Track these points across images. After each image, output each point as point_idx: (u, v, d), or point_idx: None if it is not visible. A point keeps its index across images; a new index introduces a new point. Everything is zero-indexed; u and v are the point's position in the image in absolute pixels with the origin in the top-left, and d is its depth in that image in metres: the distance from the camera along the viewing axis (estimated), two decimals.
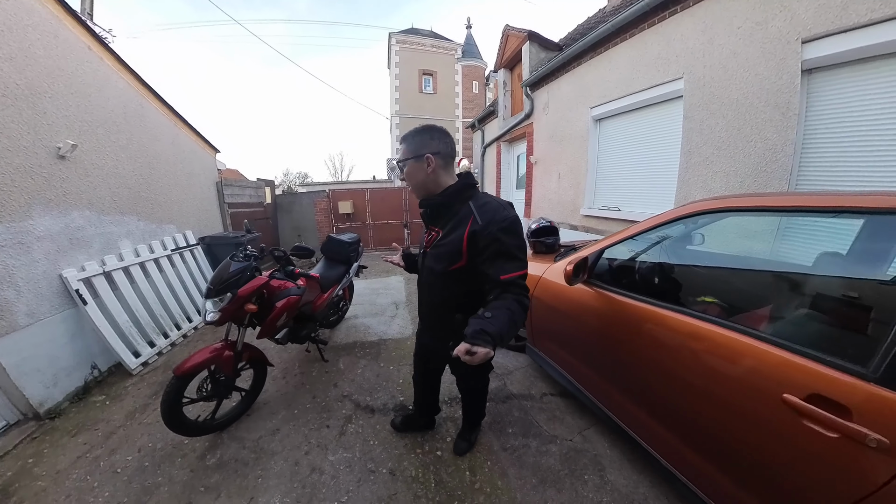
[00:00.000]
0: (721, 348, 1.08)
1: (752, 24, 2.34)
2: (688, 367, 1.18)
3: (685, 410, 1.21)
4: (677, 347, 1.21)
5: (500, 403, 2.09)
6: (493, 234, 1.05)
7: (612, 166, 4.01)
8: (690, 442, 1.21)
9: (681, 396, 1.22)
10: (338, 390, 2.28)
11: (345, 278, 2.90)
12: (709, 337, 1.12)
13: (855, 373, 0.82)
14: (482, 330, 0.89)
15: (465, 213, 1.13)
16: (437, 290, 1.26)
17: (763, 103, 2.31)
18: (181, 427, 1.69)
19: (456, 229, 1.13)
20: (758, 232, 2.25)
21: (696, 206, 1.36)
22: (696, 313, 1.19)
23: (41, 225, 2.28)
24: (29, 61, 2.28)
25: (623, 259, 1.86)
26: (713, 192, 2.66)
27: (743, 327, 1.06)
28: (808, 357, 0.90)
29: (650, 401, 1.38)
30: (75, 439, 1.92)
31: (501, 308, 0.97)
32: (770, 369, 0.96)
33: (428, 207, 1.23)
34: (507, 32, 6.17)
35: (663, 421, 1.32)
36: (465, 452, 1.70)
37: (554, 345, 2.04)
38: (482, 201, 1.15)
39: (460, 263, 1.13)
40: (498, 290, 1.02)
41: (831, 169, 2.14)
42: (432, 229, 1.25)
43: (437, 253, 1.20)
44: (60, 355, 2.31)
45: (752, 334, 1.02)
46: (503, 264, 1.04)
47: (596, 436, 1.77)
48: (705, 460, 1.16)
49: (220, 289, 1.73)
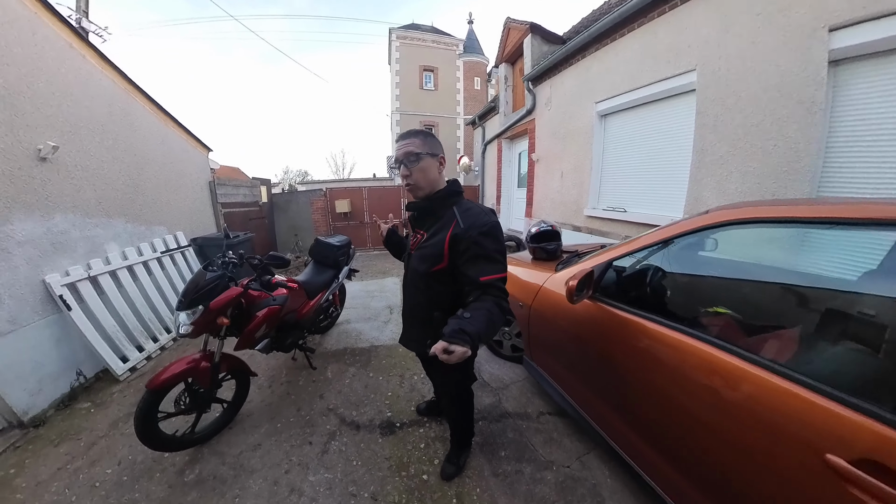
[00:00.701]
0: (749, 387, 0.92)
1: (773, 11, 2.16)
2: (706, 404, 1.04)
3: (698, 451, 1.08)
4: (694, 380, 1.07)
5: (493, 422, 1.97)
6: (474, 238, 1.08)
7: (618, 165, 3.85)
8: (702, 485, 1.08)
9: (694, 435, 1.08)
10: (323, 402, 2.20)
11: (334, 283, 2.80)
12: (736, 374, 0.96)
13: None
14: (461, 329, 0.89)
15: (448, 217, 1.17)
16: (421, 290, 1.28)
17: (785, 97, 2.13)
18: (157, 443, 1.62)
19: (439, 232, 1.17)
20: (777, 238, 2.02)
21: (721, 214, 1.18)
22: (720, 342, 1.03)
23: (22, 230, 2.22)
24: (5, 59, 2.20)
25: (633, 271, 1.64)
26: (728, 193, 2.50)
27: (781, 367, 0.89)
28: (861, 411, 0.72)
29: (658, 435, 1.24)
30: (57, 449, 1.89)
31: (481, 309, 0.98)
32: (811, 420, 0.79)
33: (415, 211, 1.27)
34: (508, 25, 6.00)
35: (672, 459, 1.18)
36: (453, 477, 1.60)
37: (552, 360, 1.91)
38: (465, 207, 1.19)
39: (442, 265, 1.16)
40: (478, 292, 1.04)
41: (858, 170, 1.96)
42: (418, 232, 1.29)
43: (420, 254, 1.23)
44: (45, 362, 2.27)
45: (790, 377, 0.85)
46: (483, 266, 1.06)
47: (595, 462, 1.65)
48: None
49: (192, 300, 1.65)
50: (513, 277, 2.33)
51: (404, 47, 15.17)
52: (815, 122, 2.01)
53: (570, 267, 1.86)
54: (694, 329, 1.13)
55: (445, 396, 1.56)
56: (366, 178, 16.54)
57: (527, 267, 2.32)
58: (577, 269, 1.61)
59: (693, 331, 1.12)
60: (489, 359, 2.65)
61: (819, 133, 2.01)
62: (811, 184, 2.05)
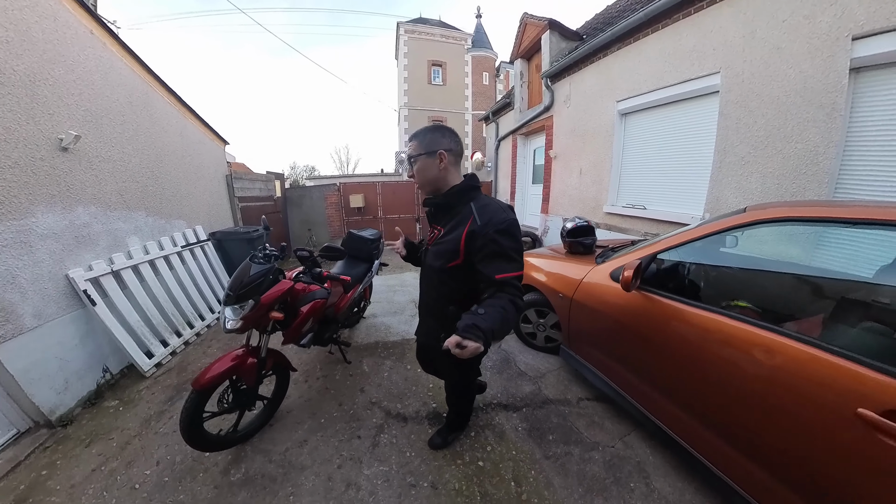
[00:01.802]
0: (789, 360, 1.06)
1: (799, 18, 2.22)
2: (751, 376, 1.15)
3: (744, 419, 1.19)
4: (738, 356, 1.19)
5: (536, 409, 2.02)
6: (490, 235, 1.07)
7: (638, 163, 3.87)
8: (749, 453, 1.19)
9: (741, 405, 1.19)
10: (365, 396, 2.17)
11: (367, 277, 2.76)
12: (775, 347, 1.09)
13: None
14: (474, 325, 0.89)
15: (465, 213, 1.16)
16: (436, 286, 1.28)
17: (806, 102, 2.20)
18: (204, 444, 1.57)
19: (456, 228, 1.16)
20: (794, 235, 2.11)
21: (761, 213, 1.29)
22: (760, 322, 1.16)
23: (44, 222, 2.15)
24: (26, 45, 2.11)
25: (669, 264, 1.79)
26: (748, 192, 2.57)
27: (814, 340, 1.03)
28: (884, 372, 0.87)
29: (704, 410, 1.34)
30: (89, 450, 1.84)
31: (495, 306, 0.98)
32: (842, 382, 0.94)
33: (432, 206, 1.27)
34: (525, 21, 5.88)
35: (717, 429, 1.29)
36: (439, 448, 1.71)
37: (593, 348, 1.99)
38: (483, 202, 1.17)
39: (457, 261, 1.15)
40: (493, 290, 1.05)
41: (874, 175, 2.04)
42: (435, 227, 1.29)
43: (437, 250, 1.23)
44: (71, 358, 2.21)
45: (822, 346, 1.00)
46: (499, 264, 1.06)
47: (637, 441, 1.73)
48: (767, 472, 1.13)
49: (241, 294, 1.57)
50: (550, 271, 2.42)
51: (412, 42, 15.00)
52: (835, 127, 2.08)
53: (611, 260, 1.95)
54: (733, 312, 1.27)
55: (448, 385, 1.63)
56: (374, 174, 16.41)
57: (563, 261, 2.40)
58: (624, 261, 1.73)
59: (734, 314, 1.25)
60: (522, 350, 2.68)
61: (838, 137, 2.08)
62: (828, 185, 2.12)
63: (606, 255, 2.15)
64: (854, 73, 2.03)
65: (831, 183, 2.13)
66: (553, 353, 2.55)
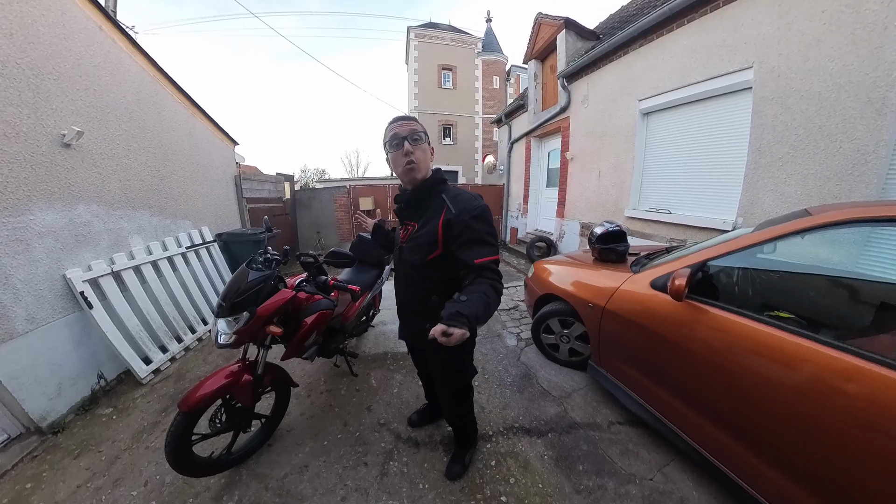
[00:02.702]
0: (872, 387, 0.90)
1: (840, 8, 2.07)
2: (829, 407, 0.99)
3: (817, 454, 1.04)
4: (815, 382, 1.03)
5: (563, 434, 1.83)
6: (466, 222, 1.09)
7: (662, 164, 3.69)
8: (815, 490, 1.04)
9: (814, 439, 1.03)
10: (372, 416, 1.98)
11: (377, 284, 2.59)
12: (870, 378, 0.92)
13: None
14: (458, 312, 0.89)
15: (438, 205, 1.17)
16: (417, 282, 1.26)
17: (851, 98, 2.05)
18: (193, 469, 1.41)
19: (431, 220, 1.17)
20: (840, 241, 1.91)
21: (831, 214, 1.14)
22: (850, 348, 0.98)
23: (42, 220, 2.05)
24: (30, 38, 2.05)
25: (715, 270, 1.57)
26: (787, 196, 2.41)
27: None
28: None
29: (768, 444, 1.17)
30: (77, 462, 1.73)
31: (477, 292, 0.98)
32: None
33: (402, 203, 1.26)
34: (539, 20, 5.74)
35: (780, 463, 1.13)
36: (459, 477, 1.55)
37: (628, 365, 1.78)
38: (454, 193, 1.19)
39: (437, 252, 1.16)
40: (473, 275, 1.05)
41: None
42: (408, 224, 1.28)
43: (413, 245, 1.22)
44: (64, 363, 2.10)
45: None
46: (477, 249, 1.07)
47: (678, 473, 1.55)
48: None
49: (236, 304, 1.40)
50: (578, 280, 2.20)
51: (423, 46, 15.02)
52: (887, 124, 1.93)
53: (651, 268, 1.75)
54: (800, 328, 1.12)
55: (443, 393, 1.45)
56: (383, 177, 16.42)
57: (592, 268, 2.20)
58: (670, 269, 1.55)
59: (803, 330, 1.10)
60: (544, 364, 2.47)
61: (889, 135, 1.93)
62: (876, 187, 1.99)
63: (641, 262, 1.96)
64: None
65: (879, 184, 1.98)
66: (579, 368, 2.34)
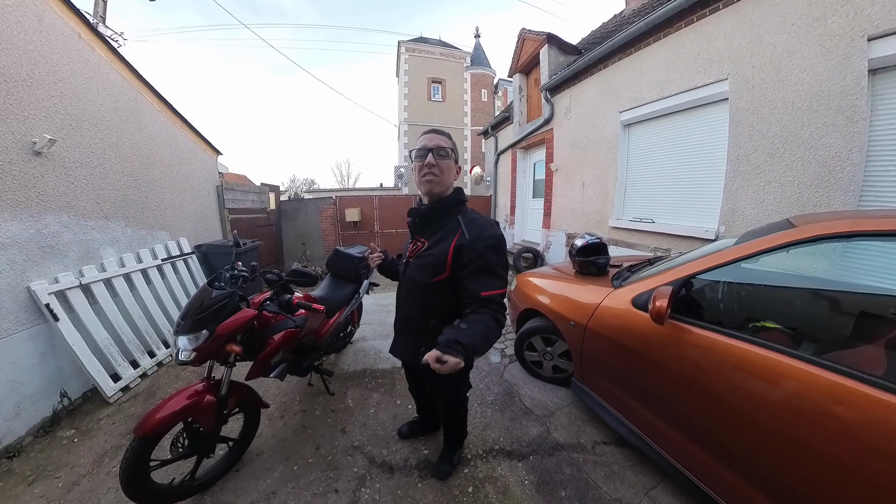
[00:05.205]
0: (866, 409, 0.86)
1: (808, 21, 2.16)
2: (817, 432, 0.95)
3: (805, 478, 0.99)
4: (804, 404, 0.98)
5: (545, 457, 1.75)
6: (479, 251, 1.05)
7: (644, 174, 3.75)
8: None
9: (801, 462, 0.99)
10: (346, 438, 1.89)
11: (354, 299, 2.52)
12: (861, 399, 0.88)
13: None
14: (455, 340, 0.87)
15: (452, 226, 1.13)
16: (418, 302, 1.22)
17: (824, 107, 2.12)
18: (150, 497, 1.32)
19: (442, 241, 1.13)
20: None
21: (820, 227, 1.10)
22: (840, 367, 0.94)
23: (7, 231, 1.97)
24: (3, 44, 2.00)
25: (699, 287, 1.55)
26: (766, 203, 2.46)
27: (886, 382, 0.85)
28: None
29: (753, 463, 1.12)
30: (31, 489, 1.61)
31: (478, 322, 0.96)
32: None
33: (416, 217, 1.22)
34: (523, 36, 5.94)
35: (767, 488, 1.08)
36: (448, 476, 1.60)
37: (611, 384, 1.73)
38: (471, 217, 1.15)
39: (443, 276, 1.11)
40: (476, 306, 1.02)
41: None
42: (417, 239, 1.24)
43: (420, 263, 1.18)
44: (25, 380, 1.99)
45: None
46: (485, 281, 1.04)
47: (665, 497, 1.49)
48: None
49: (195, 322, 1.35)
50: (558, 294, 2.17)
51: (413, 59, 15.34)
52: (857, 131, 1.99)
53: (632, 283, 1.71)
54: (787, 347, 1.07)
55: (440, 402, 1.50)
56: (373, 188, 16.41)
57: (573, 283, 2.16)
58: (650, 285, 1.49)
59: (789, 349, 1.05)
60: (527, 381, 2.41)
61: (861, 142, 1.99)
62: (854, 193, 2.04)
63: (623, 275, 1.92)
64: (872, 74, 1.95)
65: (856, 190, 2.03)
66: (563, 384, 2.28)
